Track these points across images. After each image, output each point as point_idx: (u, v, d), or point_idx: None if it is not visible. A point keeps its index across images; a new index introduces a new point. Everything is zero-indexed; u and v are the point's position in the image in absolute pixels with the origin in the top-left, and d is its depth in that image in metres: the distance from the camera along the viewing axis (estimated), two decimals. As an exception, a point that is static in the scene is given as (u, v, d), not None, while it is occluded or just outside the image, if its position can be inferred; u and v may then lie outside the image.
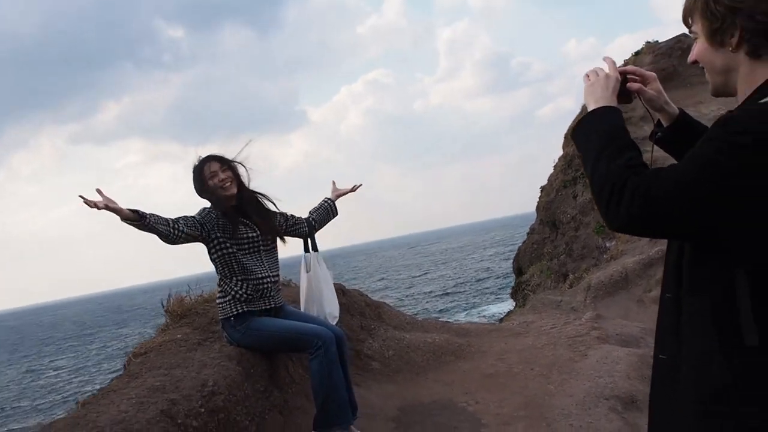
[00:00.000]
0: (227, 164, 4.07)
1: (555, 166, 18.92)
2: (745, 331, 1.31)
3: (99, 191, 3.47)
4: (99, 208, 3.44)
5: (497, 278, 43.04)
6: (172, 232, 3.73)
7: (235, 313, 3.96)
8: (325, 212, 4.48)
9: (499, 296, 34.99)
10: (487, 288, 41.42)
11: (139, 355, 4.21)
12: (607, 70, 1.71)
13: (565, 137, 18.56)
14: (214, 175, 4.01)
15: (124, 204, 3.55)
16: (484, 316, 28.29)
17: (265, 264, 4.06)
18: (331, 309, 4.32)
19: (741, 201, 1.27)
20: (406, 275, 63.56)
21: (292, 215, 4.36)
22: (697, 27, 1.52)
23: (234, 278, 3.96)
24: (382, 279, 63.12)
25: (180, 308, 4.64)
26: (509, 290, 23.55)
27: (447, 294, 42.18)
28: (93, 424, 3.18)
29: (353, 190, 4.61)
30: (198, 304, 4.70)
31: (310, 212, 4.46)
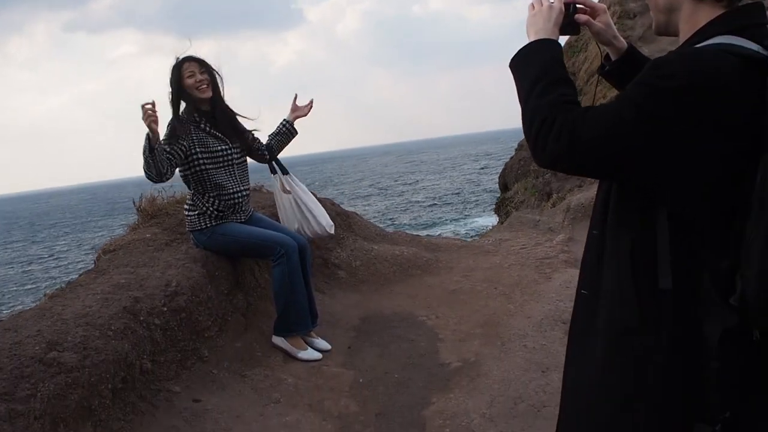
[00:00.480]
0: (205, 67, 4.06)
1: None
2: (661, 275, 1.35)
3: (154, 104, 3.60)
4: (149, 118, 3.56)
5: (487, 192, 43.23)
6: (163, 173, 3.75)
7: (205, 227, 4.04)
8: (285, 136, 4.42)
9: (488, 209, 35.31)
10: (476, 200, 41.65)
11: (108, 251, 4.30)
12: (551, 1, 1.69)
13: (564, 52, 18.26)
14: (192, 75, 4.00)
15: (114, 94, 3.60)
16: (472, 229, 28.55)
17: (237, 178, 4.10)
18: (327, 220, 4.36)
19: (663, 146, 1.28)
20: (394, 182, 63.77)
21: (254, 136, 4.35)
22: None
23: (206, 194, 4.01)
24: (371, 185, 63.26)
25: (151, 208, 4.71)
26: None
27: (435, 204, 42.43)
28: (58, 316, 3.30)
29: (309, 108, 4.49)
30: (169, 205, 4.77)
31: (269, 136, 4.42)
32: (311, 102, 4.50)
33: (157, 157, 3.67)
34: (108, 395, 3.07)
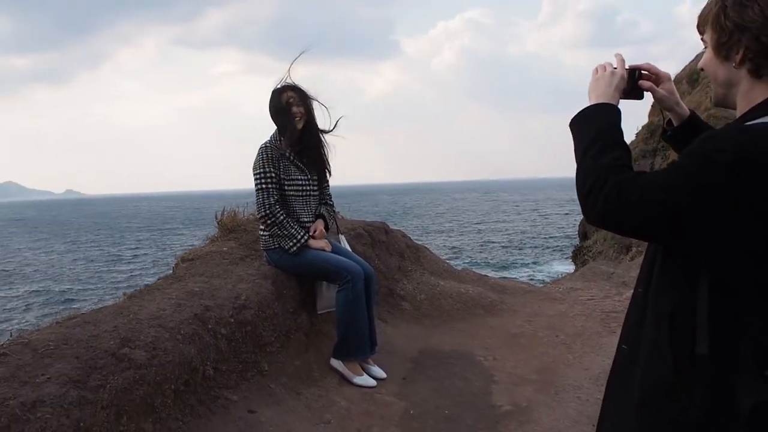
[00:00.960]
0: (303, 99, 4.26)
1: (637, 134, 18.41)
2: (698, 340, 1.39)
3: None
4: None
5: (567, 238, 42.53)
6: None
7: (275, 247, 4.24)
8: (331, 218, 4.55)
9: (566, 256, 34.72)
10: (555, 246, 41.04)
11: (186, 260, 4.55)
12: (614, 67, 1.77)
13: (652, 105, 17.96)
14: (293, 103, 4.20)
15: (212, 109, 3.90)
16: (547, 275, 28.17)
17: (312, 207, 4.30)
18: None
19: (708, 215, 1.33)
20: (474, 219, 63.46)
21: (328, 185, 4.54)
22: (708, 37, 1.57)
23: None
24: (451, 221, 63.14)
25: (231, 222, 4.95)
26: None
27: (512, 246, 42.03)
28: (134, 315, 3.53)
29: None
30: (248, 222, 4.99)
31: (323, 206, 4.52)
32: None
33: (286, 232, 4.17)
34: (170, 395, 3.25)
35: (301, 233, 4.13)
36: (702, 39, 1.60)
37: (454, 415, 3.86)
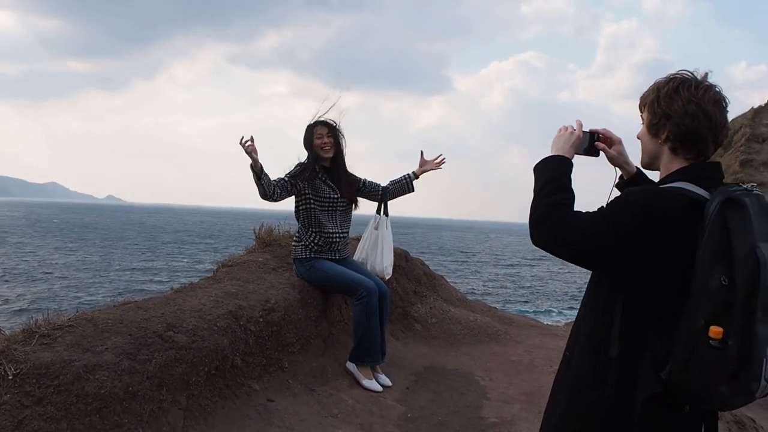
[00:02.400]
0: (333, 132, 4.92)
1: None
2: (611, 347, 1.86)
3: (252, 138, 4.46)
4: (247, 149, 4.44)
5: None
6: (270, 194, 4.65)
7: (304, 257, 4.84)
8: (401, 188, 5.24)
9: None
10: (574, 294, 40.90)
11: (226, 265, 5.16)
12: (574, 129, 2.27)
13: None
14: (320, 137, 4.86)
15: (263, 131, 4.54)
16: (564, 317, 28.22)
17: (338, 222, 4.91)
18: (386, 266, 5.11)
19: (620, 253, 1.81)
20: (513, 262, 63.29)
21: (368, 181, 5.19)
22: (644, 116, 2.06)
23: (310, 229, 4.84)
24: (497, 264, 62.80)
25: (268, 237, 5.56)
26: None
27: (544, 291, 42.01)
28: (178, 306, 4.13)
29: (438, 165, 5.24)
30: (283, 237, 5.60)
31: (390, 182, 5.24)
32: (441, 158, 5.24)
33: (264, 182, 4.58)
34: (203, 376, 3.83)
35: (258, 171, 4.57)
36: (641, 116, 2.10)
37: (446, 421, 4.37)
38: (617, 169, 2.38)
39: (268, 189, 4.60)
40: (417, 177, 5.25)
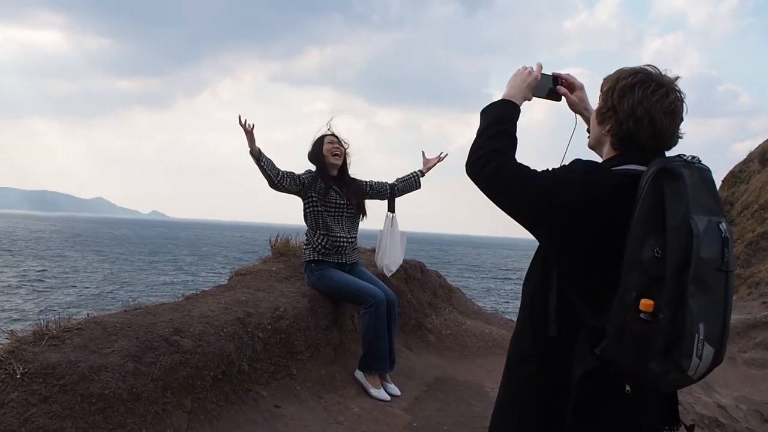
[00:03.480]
0: (341, 144, 5.11)
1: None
2: (550, 326, 1.85)
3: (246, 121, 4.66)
4: (246, 129, 4.65)
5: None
6: (277, 180, 4.77)
7: (313, 259, 4.92)
8: (410, 184, 5.45)
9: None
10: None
11: (240, 274, 5.25)
12: (533, 69, 2.29)
13: (726, 182, 17.55)
14: (331, 143, 4.99)
15: (300, 145, 4.71)
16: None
17: (345, 227, 4.98)
18: (388, 262, 5.21)
19: (551, 218, 1.83)
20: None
21: (375, 182, 5.35)
22: (598, 99, 2.08)
23: (318, 232, 4.92)
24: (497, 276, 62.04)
25: (283, 247, 5.65)
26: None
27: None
28: (187, 312, 4.23)
29: (440, 159, 5.51)
30: (297, 248, 5.68)
31: (396, 179, 5.44)
32: (442, 154, 5.52)
33: (265, 166, 4.75)
34: (209, 380, 3.91)
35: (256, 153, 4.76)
36: (599, 96, 2.10)
37: (451, 431, 4.38)
38: (578, 116, 2.39)
39: (273, 173, 4.76)
40: (423, 175, 5.49)
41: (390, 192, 5.34)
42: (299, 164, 4.69)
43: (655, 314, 1.60)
